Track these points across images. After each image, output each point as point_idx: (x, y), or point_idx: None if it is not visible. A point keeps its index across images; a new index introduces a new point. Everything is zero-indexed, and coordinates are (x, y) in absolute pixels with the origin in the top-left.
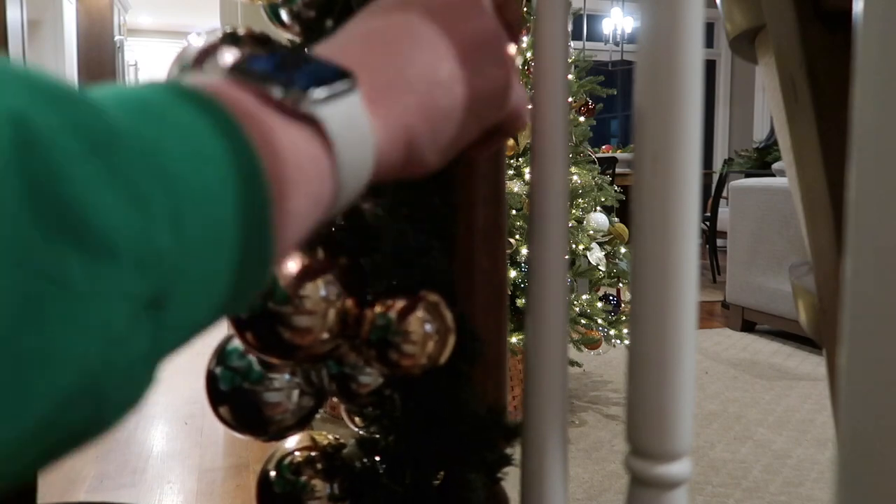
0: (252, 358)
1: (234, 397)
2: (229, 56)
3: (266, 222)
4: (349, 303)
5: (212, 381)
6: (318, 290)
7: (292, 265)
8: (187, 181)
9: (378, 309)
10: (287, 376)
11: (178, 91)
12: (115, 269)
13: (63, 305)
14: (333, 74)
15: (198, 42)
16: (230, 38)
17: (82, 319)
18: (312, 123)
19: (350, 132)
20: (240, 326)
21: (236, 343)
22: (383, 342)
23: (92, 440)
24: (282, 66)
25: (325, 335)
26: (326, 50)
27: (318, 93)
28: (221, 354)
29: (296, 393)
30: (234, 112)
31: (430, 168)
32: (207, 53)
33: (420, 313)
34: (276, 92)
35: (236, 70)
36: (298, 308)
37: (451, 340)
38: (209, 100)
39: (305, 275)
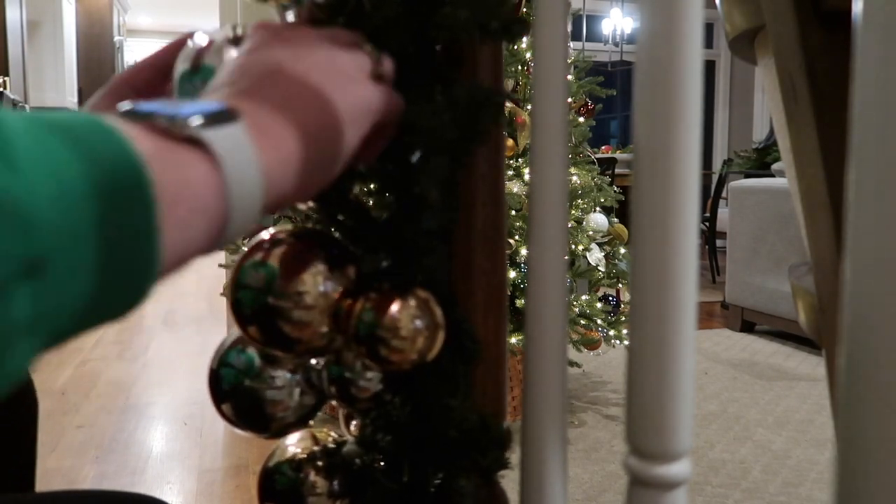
0: (253, 356)
1: (235, 395)
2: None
3: (151, 223)
4: (344, 299)
5: (214, 379)
6: (317, 285)
7: (293, 261)
8: (69, 168)
9: (366, 304)
10: (288, 374)
11: (78, 113)
12: None
13: None
14: (216, 107)
15: (203, 41)
16: (234, 39)
17: None
18: (199, 146)
19: (236, 154)
20: (243, 322)
21: (239, 343)
22: (371, 337)
23: None
24: (167, 105)
25: (324, 328)
26: (212, 94)
27: (200, 119)
28: (224, 353)
29: (297, 391)
30: (123, 132)
31: (320, 188)
32: (210, 50)
33: (409, 309)
34: (162, 121)
35: (127, 114)
36: (298, 303)
37: (441, 336)
38: (103, 122)
39: (304, 270)
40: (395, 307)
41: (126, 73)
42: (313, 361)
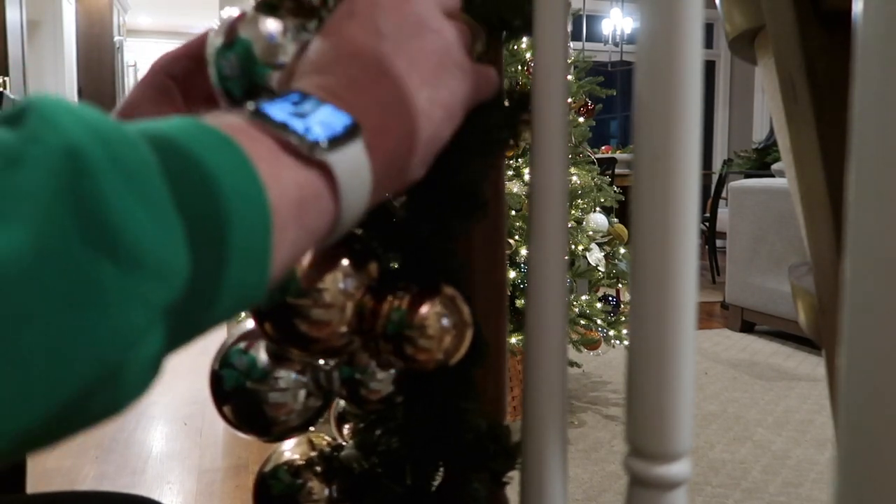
0: (256, 357)
1: (237, 396)
2: (271, 24)
3: (266, 247)
4: (367, 297)
5: (215, 380)
6: (336, 282)
7: (314, 259)
8: (204, 210)
9: (394, 302)
10: (293, 375)
11: (203, 130)
12: (140, 278)
13: (96, 304)
14: (341, 123)
15: (235, 13)
16: (267, 7)
17: (110, 318)
18: (322, 167)
19: (353, 173)
20: (259, 317)
21: (241, 343)
22: (399, 336)
23: (102, 422)
24: (296, 114)
25: (343, 328)
26: (321, 89)
27: (329, 143)
28: (225, 353)
29: (302, 393)
30: (249, 153)
31: (418, 178)
32: (244, 21)
33: (437, 307)
34: (293, 140)
35: (257, 114)
36: (317, 301)
37: (469, 335)
38: (228, 141)
39: (325, 268)
40: (425, 306)
41: (163, 62)
42: (321, 361)
